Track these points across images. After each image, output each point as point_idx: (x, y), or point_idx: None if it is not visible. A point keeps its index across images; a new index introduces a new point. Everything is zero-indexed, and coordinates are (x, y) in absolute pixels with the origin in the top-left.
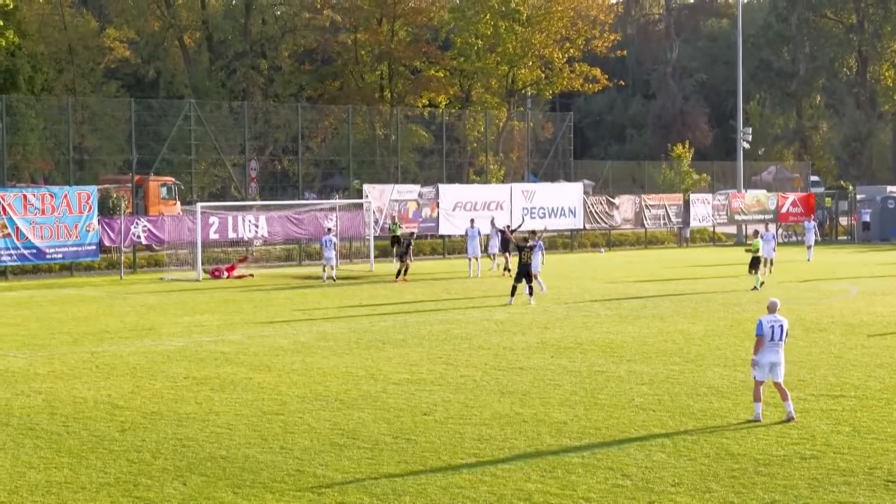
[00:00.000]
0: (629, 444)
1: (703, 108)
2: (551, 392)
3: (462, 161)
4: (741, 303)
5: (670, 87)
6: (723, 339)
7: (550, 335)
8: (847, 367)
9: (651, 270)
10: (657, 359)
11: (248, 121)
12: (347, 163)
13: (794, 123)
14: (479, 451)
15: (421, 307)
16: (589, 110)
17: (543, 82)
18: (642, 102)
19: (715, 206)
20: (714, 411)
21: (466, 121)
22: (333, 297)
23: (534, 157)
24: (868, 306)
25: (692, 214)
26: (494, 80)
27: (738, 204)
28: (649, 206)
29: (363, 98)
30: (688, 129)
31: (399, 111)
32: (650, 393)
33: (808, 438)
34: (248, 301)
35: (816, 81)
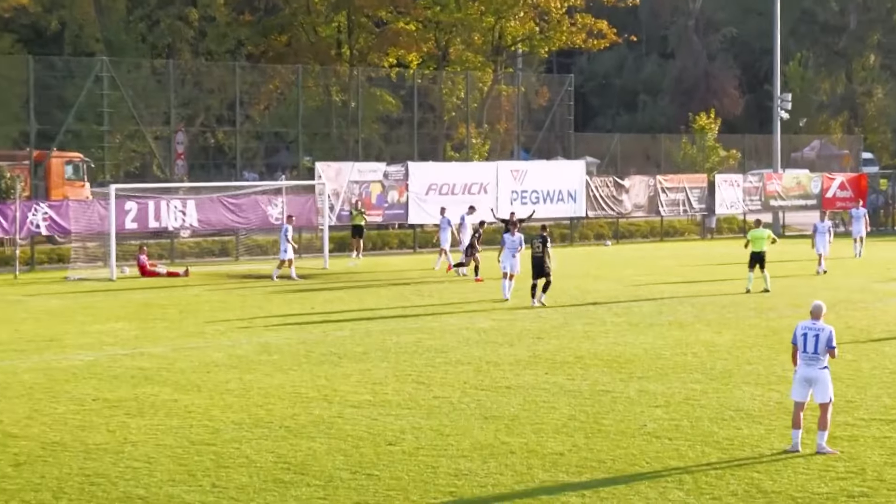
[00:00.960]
0: (640, 481)
1: (733, 70)
2: (545, 417)
3: (437, 134)
4: (777, 307)
5: (693, 43)
6: (754, 351)
7: (544, 347)
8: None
9: (668, 267)
10: (674, 375)
11: (174, 84)
12: (296, 136)
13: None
14: (456, 489)
15: (386, 313)
16: (593, 72)
17: (538, 37)
18: (658, 63)
19: (746, 190)
20: (743, 439)
21: (443, 84)
22: (279, 302)
23: (525, 130)
24: None
25: (718, 199)
26: (477, 34)
27: (775, 187)
28: (666, 189)
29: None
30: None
31: (360, 72)
32: (665, 417)
33: (858, 472)
34: (173, 305)
35: (871, 37)
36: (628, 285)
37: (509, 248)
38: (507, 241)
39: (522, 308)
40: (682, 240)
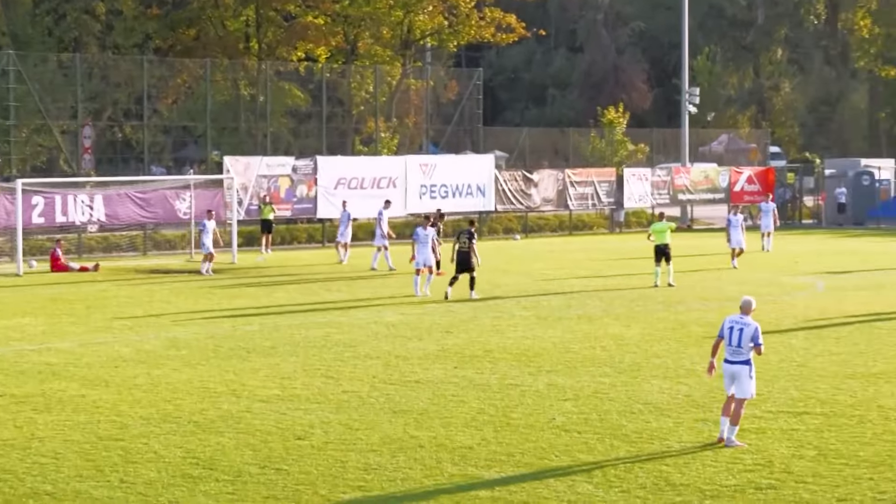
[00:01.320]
0: (549, 474)
1: (641, 64)
2: (454, 411)
3: (346, 128)
4: (685, 301)
5: (601, 37)
6: (662, 344)
7: (453, 341)
8: (812, 377)
9: (576, 261)
10: (583, 369)
11: (80, 77)
12: (205, 130)
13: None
14: (366, 483)
15: (295, 308)
16: (502, 66)
17: (446, 31)
18: (567, 57)
19: (654, 184)
20: (651, 432)
21: (352, 78)
22: (187, 297)
23: (434, 123)
24: (837, 304)
25: (627, 193)
26: (386, 28)
27: (683, 180)
28: (575, 182)
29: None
30: (622, 89)
31: (269, 66)
32: (574, 411)
33: (765, 464)
34: (80, 300)
35: (778, 32)
36: (537, 279)
37: (422, 242)
38: (419, 236)
39: (431, 302)
40: (591, 234)
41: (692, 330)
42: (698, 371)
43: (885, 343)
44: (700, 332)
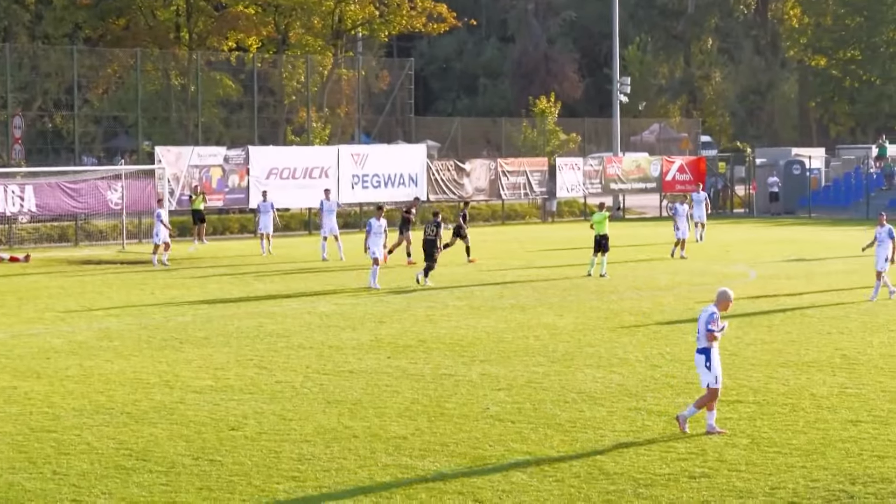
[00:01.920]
0: (483, 463)
1: (573, 54)
2: (388, 401)
3: (278, 118)
4: (618, 290)
5: (532, 27)
6: (596, 334)
7: (387, 331)
8: (744, 366)
9: (509, 251)
10: (517, 359)
11: (10, 67)
12: (136, 120)
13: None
14: (300, 474)
15: (228, 298)
16: (434, 56)
17: (378, 21)
18: (498, 46)
19: (587, 173)
20: (585, 422)
21: (283, 68)
22: (119, 287)
23: (366, 113)
24: (768, 292)
25: (559, 183)
26: (317, 17)
27: (615, 170)
28: (507, 172)
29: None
30: (553, 78)
31: (199, 56)
32: (508, 400)
33: (699, 453)
34: (11, 292)
35: (708, 21)
36: (470, 269)
37: (376, 233)
38: (373, 227)
39: (364, 292)
40: (524, 223)
41: (625, 319)
42: (631, 360)
43: (817, 331)
44: (633, 320)
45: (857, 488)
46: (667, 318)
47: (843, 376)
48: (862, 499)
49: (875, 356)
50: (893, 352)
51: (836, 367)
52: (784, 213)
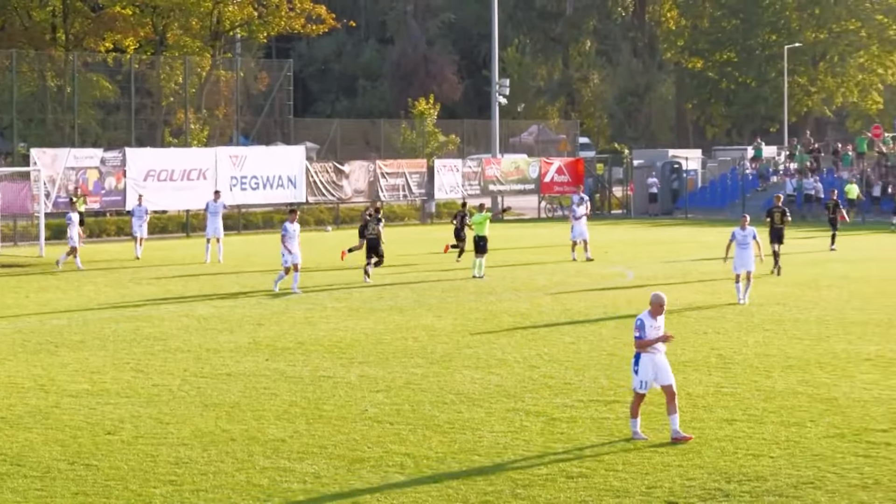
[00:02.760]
0: (361, 465)
1: (452, 56)
2: (266, 403)
3: (156, 119)
4: (496, 291)
5: (411, 29)
6: (474, 335)
7: (265, 333)
8: (622, 366)
9: (388, 252)
10: (395, 360)
11: None
12: (11, 122)
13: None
14: (177, 478)
15: (104, 301)
16: (313, 57)
17: (256, 22)
18: (377, 48)
19: (466, 175)
20: (463, 423)
21: (161, 69)
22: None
23: (244, 115)
24: (646, 293)
25: (438, 184)
26: (195, 19)
27: (494, 171)
28: (386, 174)
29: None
30: (433, 80)
31: (76, 57)
32: (387, 402)
33: (576, 453)
34: None
35: (586, 24)
36: (348, 271)
37: (291, 236)
38: (288, 230)
39: (241, 294)
40: (402, 225)
41: (503, 320)
42: (510, 361)
43: (693, 331)
44: (511, 321)
45: (733, 486)
46: (545, 320)
47: (718, 376)
48: (737, 497)
49: (750, 355)
50: (768, 351)
51: (711, 366)
52: (662, 214)
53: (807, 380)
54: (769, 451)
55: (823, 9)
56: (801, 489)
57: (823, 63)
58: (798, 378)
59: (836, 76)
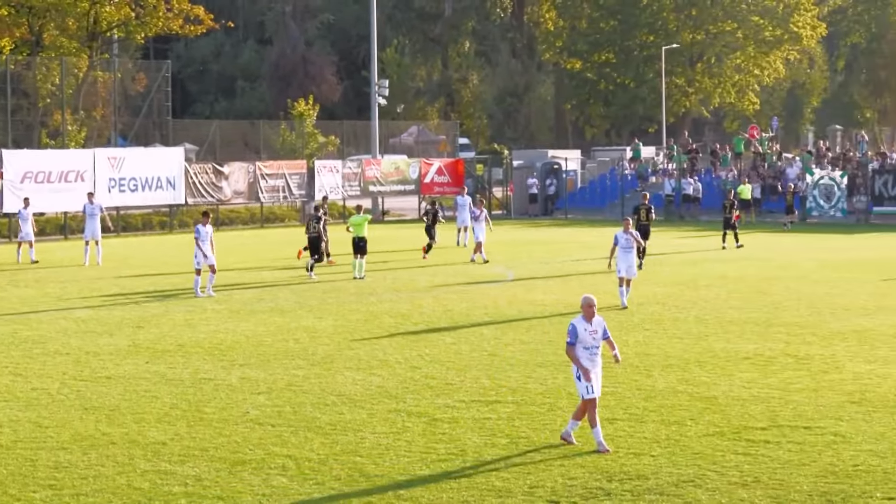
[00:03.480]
0: (243, 467)
1: (331, 56)
2: (146, 406)
3: (32, 120)
4: (377, 292)
5: (290, 29)
6: (356, 336)
7: (145, 336)
8: (503, 366)
9: (269, 254)
10: (276, 362)
11: None
12: None
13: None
14: (57, 482)
15: None
16: (191, 58)
17: (134, 23)
18: (256, 49)
19: (346, 176)
20: (345, 424)
21: (37, 70)
22: None
23: (122, 116)
24: (526, 293)
25: (318, 185)
26: (72, 19)
27: (374, 172)
28: (266, 175)
29: None
30: (312, 81)
31: None
32: (268, 404)
33: (458, 454)
34: None
35: (465, 24)
36: (230, 272)
37: (203, 239)
38: (201, 233)
39: (121, 296)
40: (283, 226)
41: (384, 321)
42: (391, 362)
43: None
44: (392, 322)
45: (614, 485)
46: (426, 320)
47: None
48: (619, 495)
49: (630, 355)
50: (648, 350)
51: None
52: (542, 215)
53: (686, 378)
54: (650, 449)
55: (700, 10)
56: (681, 487)
57: (701, 64)
58: (678, 377)
59: (713, 77)
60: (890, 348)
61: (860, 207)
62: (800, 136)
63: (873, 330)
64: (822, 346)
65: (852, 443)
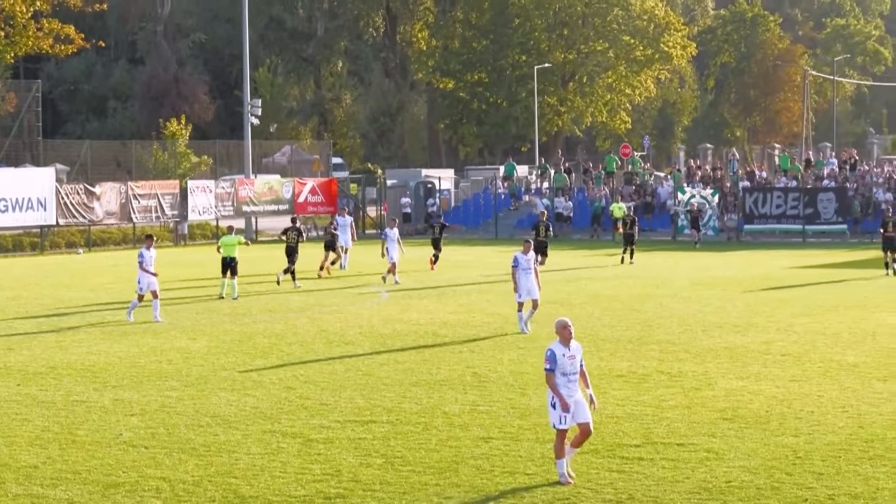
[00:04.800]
0: (116, 490)
1: (203, 76)
2: (17, 429)
3: None
4: (251, 312)
5: (162, 49)
6: (229, 357)
7: (15, 358)
8: (378, 386)
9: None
10: (150, 384)
11: None
12: None
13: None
14: None
15: None
16: (62, 78)
17: (3, 42)
18: (128, 68)
19: (219, 196)
20: (220, 445)
21: None
22: None
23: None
24: (402, 313)
25: (191, 206)
26: None
27: (247, 192)
28: (138, 195)
29: None
30: (184, 100)
31: None
32: (141, 426)
33: (334, 474)
34: None
35: (338, 44)
36: (102, 293)
37: (149, 263)
38: (145, 257)
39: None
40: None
41: (259, 342)
42: (266, 383)
43: (449, 350)
44: (266, 343)
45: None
46: (300, 340)
47: (474, 394)
48: None
49: (505, 373)
50: (523, 369)
51: (467, 384)
52: (415, 234)
53: None
54: (525, 468)
55: (572, 30)
56: None
57: (573, 83)
58: None
59: (585, 96)
60: (761, 365)
61: (731, 225)
62: (671, 154)
63: (744, 347)
64: (695, 363)
65: (725, 459)
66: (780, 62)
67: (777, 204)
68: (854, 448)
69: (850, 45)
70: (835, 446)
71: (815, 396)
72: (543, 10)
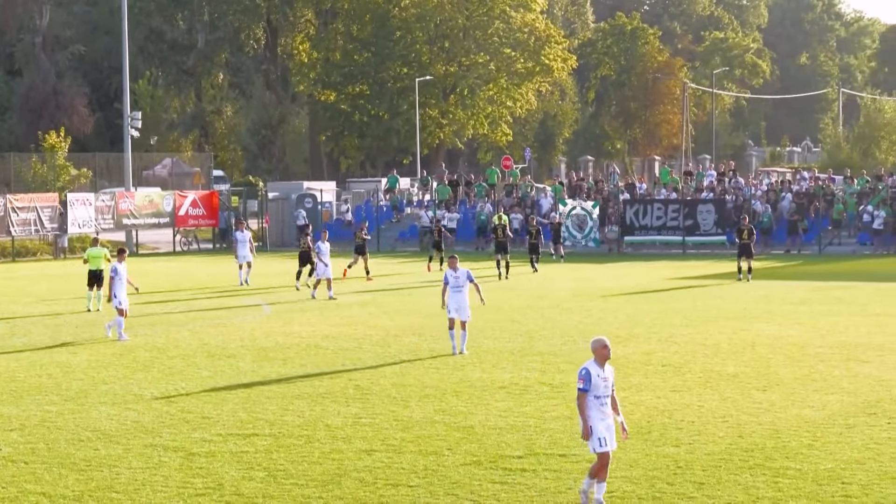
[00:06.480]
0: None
1: (82, 88)
2: None
3: None
4: (132, 326)
5: (41, 61)
6: (110, 370)
7: None
8: (260, 399)
9: (20, 288)
10: (29, 398)
11: None
12: None
13: (194, 107)
14: None
15: None
16: None
17: None
18: (6, 80)
19: (99, 209)
20: (101, 460)
21: None
22: None
23: None
24: (284, 326)
25: (71, 219)
26: None
27: (127, 205)
28: (17, 208)
29: None
30: (63, 113)
31: None
32: (21, 441)
33: (216, 488)
34: None
35: (218, 56)
36: None
37: (122, 278)
38: (119, 272)
39: None
40: (35, 260)
41: (139, 355)
42: (147, 397)
43: (330, 363)
44: (147, 356)
45: None
46: (182, 353)
47: (357, 406)
48: None
49: (387, 385)
50: (405, 381)
51: (350, 397)
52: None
53: (444, 409)
54: (408, 480)
55: (453, 43)
56: None
57: (454, 96)
58: (435, 407)
59: (466, 109)
60: (642, 375)
61: (612, 237)
62: (552, 166)
63: (625, 357)
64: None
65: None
66: (659, 75)
67: (657, 216)
68: (734, 458)
69: (729, 57)
70: (715, 456)
71: (695, 407)
72: (425, 23)
